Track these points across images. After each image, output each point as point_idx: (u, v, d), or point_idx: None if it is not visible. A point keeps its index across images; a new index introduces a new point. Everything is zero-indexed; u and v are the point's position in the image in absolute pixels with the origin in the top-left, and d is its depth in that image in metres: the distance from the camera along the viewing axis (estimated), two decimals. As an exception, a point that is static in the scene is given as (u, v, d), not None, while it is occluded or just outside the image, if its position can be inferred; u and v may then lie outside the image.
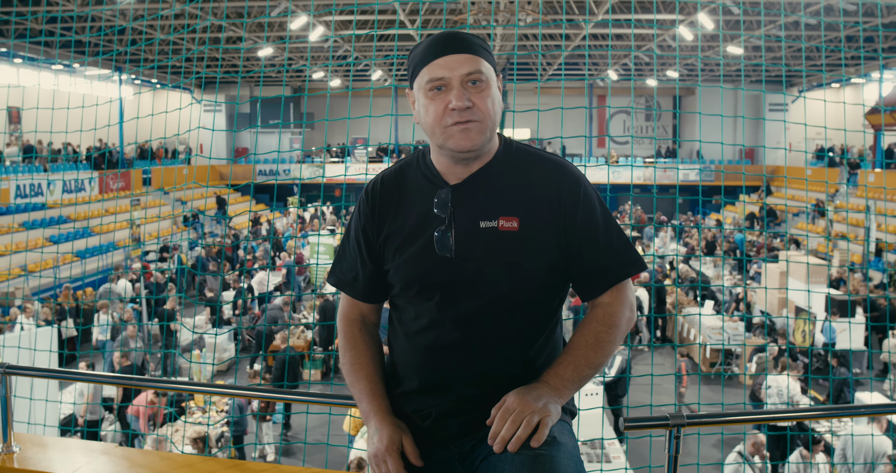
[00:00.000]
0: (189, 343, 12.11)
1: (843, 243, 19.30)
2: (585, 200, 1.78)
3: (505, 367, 1.77)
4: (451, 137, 1.70)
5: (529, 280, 1.74)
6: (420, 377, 1.79)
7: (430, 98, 1.70)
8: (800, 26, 18.86)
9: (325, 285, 16.14)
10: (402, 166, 1.87)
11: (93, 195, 21.78)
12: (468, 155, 1.73)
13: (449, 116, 1.68)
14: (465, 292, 1.74)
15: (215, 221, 24.56)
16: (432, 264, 1.74)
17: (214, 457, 2.40)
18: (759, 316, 13.09)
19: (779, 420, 6.89)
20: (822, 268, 12.95)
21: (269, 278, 16.25)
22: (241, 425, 8.76)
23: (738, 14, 17.51)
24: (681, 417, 1.76)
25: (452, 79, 1.67)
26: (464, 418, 1.75)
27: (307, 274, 18.72)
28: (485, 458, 1.69)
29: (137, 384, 3.71)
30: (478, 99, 1.68)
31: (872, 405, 6.96)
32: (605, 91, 33.24)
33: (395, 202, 1.81)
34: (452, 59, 1.68)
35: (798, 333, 12.15)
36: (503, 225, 1.72)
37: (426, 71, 1.70)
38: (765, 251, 18.61)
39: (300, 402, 7.75)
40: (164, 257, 19.04)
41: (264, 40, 21.01)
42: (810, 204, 23.64)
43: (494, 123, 1.72)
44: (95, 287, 15.40)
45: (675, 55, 23.58)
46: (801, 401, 8.97)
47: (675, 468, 1.75)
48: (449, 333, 1.75)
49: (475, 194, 1.75)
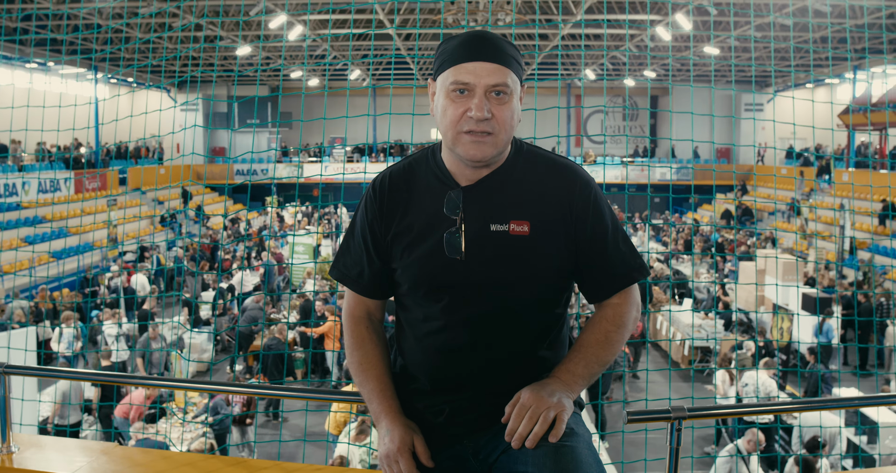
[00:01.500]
0: (168, 344, 12.03)
1: (820, 241, 19.57)
2: (595, 205, 1.79)
3: (515, 367, 1.78)
4: (463, 145, 1.69)
5: (539, 283, 1.76)
6: (431, 377, 1.81)
7: (452, 99, 1.68)
8: (774, 27, 19.07)
9: (304, 284, 16.09)
10: (411, 163, 1.85)
11: (69, 195, 21.55)
12: (477, 164, 1.73)
13: (466, 123, 1.67)
14: (475, 295, 1.74)
15: (193, 221, 24.39)
16: (441, 266, 1.73)
17: (215, 455, 2.40)
18: (734, 312, 13.23)
19: (770, 413, 7.00)
20: (794, 266, 13.14)
21: (248, 278, 16.18)
22: (221, 425, 8.71)
23: (713, 15, 17.67)
24: (682, 410, 1.81)
25: (477, 86, 1.66)
26: (477, 413, 1.77)
27: (286, 274, 18.65)
28: (504, 451, 1.71)
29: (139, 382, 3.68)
30: (498, 111, 1.67)
31: (871, 396, 7.06)
32: (579, 91, 33.42)
33: (403, 200, 1.80)
34: (481, 66, 1.66)
35: (775, 330, 12.31)
36: (514, 229, 1.72)
37: (452, 71, 1.68)
38: (735, 248, 18.80)
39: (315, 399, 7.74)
40: (144, 257, 18.89)
41: (239, 40, 20.91)
42: (785, 203, 23.93)
43: (508, 137, 1.72)
44: (72, 288, 15.26)
45: (651, 55, 23.76)
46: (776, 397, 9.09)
47: (676, 459, 1.81)
48: (458, 335, 1.76)
49: (486, 197, 1.75)
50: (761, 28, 19.62)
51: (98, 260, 18.62)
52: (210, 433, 8.59)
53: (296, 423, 9.84)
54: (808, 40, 19.79)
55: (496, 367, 1.77)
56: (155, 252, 18.07)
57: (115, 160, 25.51)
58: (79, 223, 18.43)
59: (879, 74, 22.29)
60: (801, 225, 21.45)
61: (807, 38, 19.81)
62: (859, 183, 16.79)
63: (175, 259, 17.03)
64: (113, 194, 22.47)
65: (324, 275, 16.26)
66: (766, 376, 8.95)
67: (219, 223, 25.07)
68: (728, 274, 17.76)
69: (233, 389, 4.56)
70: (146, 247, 19.23)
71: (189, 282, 16.67)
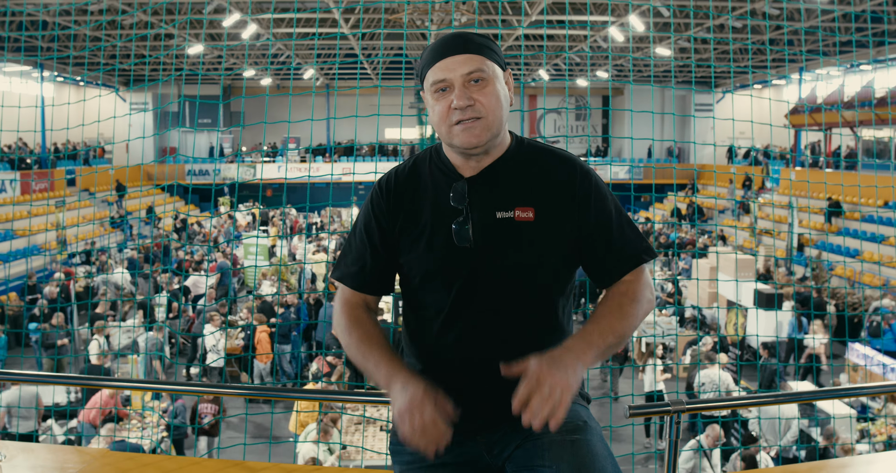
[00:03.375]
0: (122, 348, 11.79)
1: (768, 238, 20.02)
2: (598, 191, 1.83)
3: (525, 353, 1.75)
4: (457, 136, 1.74)
5: (547, 268, 1.78)
6: (443, 370, 1.81)
7: (436, 99, 1.75)
8: (726, 29, 19.46)
9: (260, 286, 15.92)
10: (416, 162, 1.90)
11: (14, 197, 20.98)
12: (476, 151, 1.77)
13: (453, 115, 1.73)
14: (486, 282, 1.76)
15: (144, 222, 23.96)
16: (452, 255, 1.76)
17: (209, 458, 2.34)
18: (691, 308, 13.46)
19: (764, 404, 7.10)
20: (749, 262, 13.42)
21: (203, 280, 15.94)
22: (179, 429, 8.57)
23: (667, 16, 17.94)
24: (681, 403, 1.84)
25: (454, 79, 1.72)
26: (491, 409, 1.77)
27: (241, 276, 18.43)
28: (519, 446, 1.72)
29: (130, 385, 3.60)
30: (480, 95, 1.72)
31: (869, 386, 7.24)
32: (536, 91, 33.68)
33: (409, 194, 1.84)
34: (453, 60, 1.73)
35: (730, 325, 12.55)
36: (519, 215, 1.76)
37: (430, 74, 1.75)
38: (690, 246, 19.12)
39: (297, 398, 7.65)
40: (91, 261, 18.50)
41: (187, 39, 20.59)
42: (735, 201, 24.42)
43: (499, 118, 1.76)
44: (20, 292, 14.87)
45: (607, 55, 24.03)
46: (733, 392, 9.26)
47: (675, 450, 1.83)
48: (471, 323, 1.78)
49: (491, 186, 1.80)
50: (713, 30, 19.98)
51: (46, 263, 18.18)
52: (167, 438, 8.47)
53: (259, 423, 9.75)
54: (756, 42, 20.22)
55: (508, 354, 1.76)
56: (104, 257, 17.67)
57: (62, 161, 24.92)
58: (26, 225, 17.94)
59: (825, 75, 22.90)
60: (751, 223, 21.91)
61: (755, 40, 20.25)
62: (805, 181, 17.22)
63: (129, 261, 16.70)
64: (61, 196, 21.93)
65: (280, 276, 16.10)
66: (722, 371, 9.11)
67: (170, 225, 24.65)
68: (681, 272, 18.06)
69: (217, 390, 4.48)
70: (90, 251, 18.82)
71: (141, 285, 16.38)
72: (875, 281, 15.59)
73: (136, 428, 8.50)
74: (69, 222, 19.34)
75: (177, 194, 28.50)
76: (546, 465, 1.63)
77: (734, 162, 28.72)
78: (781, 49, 17.77)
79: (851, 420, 8.27)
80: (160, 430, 8.68)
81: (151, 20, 18.09)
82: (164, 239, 17.87)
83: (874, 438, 8.23)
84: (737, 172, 26.73)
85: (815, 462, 6.97)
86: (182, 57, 23.93)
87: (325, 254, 19.62)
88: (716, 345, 10.78)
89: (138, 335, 12.37)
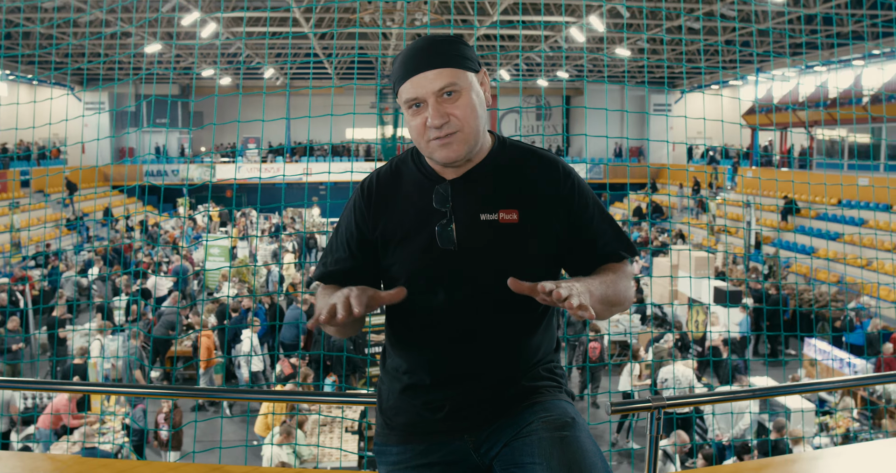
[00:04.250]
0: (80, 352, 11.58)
1: (726, 236, 20.33)
2: (580, 190, 1.84)
3: (512, 354, 1.81)
4: (435, 151, 1.74)
5: (531, 269, 1.77)
6: (430, 371, 1.81)
7: (411, 115, 1.75)
8: (682, 31, 19.73)
9: (220, 288, 15.75)
10: (398, 164, 1.89)
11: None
12: (455, 164, 1.77)
13: (429, 132, 1.72)
14: (470, 284, 1.76)
15: (101, 224, 23.54)
16: (436, 258, 1.76)
17: (193, 463, 2.31)
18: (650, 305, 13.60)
19: (742, 399, 7.21)
20: (708, 260, 13.63)
21: (162, 282, 15.73)
22: (139, 436, 8.44)
23: (627, 18, 18.14)
24: (661, 400, 1.86)
25: (426, 97, 1.71)
26: (478, 408, 1.78)
27: (201, 277, 18.20)
28: (507, 444, 1.73)
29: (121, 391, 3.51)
30: (454, 109, 1.71)
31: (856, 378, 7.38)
32: (495, 91, 33.76)
33: (391, 197, 1.83)
34: (423, 77, 1.71)
35: (691, 323, 12.72)
36: (503, 217, 1.77)
37: (402, 92, 1.74)
38: (649, 244, 19.35)
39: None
40: (43, 264, 18.12)
41: (145, 37, 20.30)
42: (693, 199, 24.77)
43: (475, 128, 1.75)
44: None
45: (568, 55, 24.21)
46: (696, 388, 9.39)
47: (656, 445, 1.85)
48: (456, 325, 1.78)
49: (474, 189, 1.79)
50: (670, 31, 20.26)
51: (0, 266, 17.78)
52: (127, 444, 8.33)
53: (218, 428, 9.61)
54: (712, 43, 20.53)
55: (494, 354, 1.79)
56: (57, 260, 17.31)
57: (15, 162, 24.38)
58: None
59: (780, 76, 23.35)
60: (710, 221, 22.26)
61: (712, 41, 20.56)
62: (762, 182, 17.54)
63: (87, 263, 16.39)
64: (15, 198, 21.47)
65: (241, 278, 15.94)
66: (683, 367, 9.23)
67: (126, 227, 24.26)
68: (640, 270, 18.27)
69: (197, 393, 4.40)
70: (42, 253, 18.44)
71: (99, 287, 16.11)
72: (831, 278, 15.94)
73: (96, 433, 8.35)
74: (23, 224, 18.95)
75: (135, 196, 28.08)
76: (537, 462, 1.63)
77: (692, 162, 29.17)
78: (738, 50, 18.09)
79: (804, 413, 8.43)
80: (121, 435, 8.55)
81: (108, 18, 17.79)
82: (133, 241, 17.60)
83: (833, 431, 8.42)
84: (694, 170, 27.15)
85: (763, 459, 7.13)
86: (139, 56, 23.58)
87: (292, 255, 19.52)
88: (677, 342, 10.93)
89: (95, 339, 12.18)
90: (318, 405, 7.31)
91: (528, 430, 1.71)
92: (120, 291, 15.17)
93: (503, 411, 1.78)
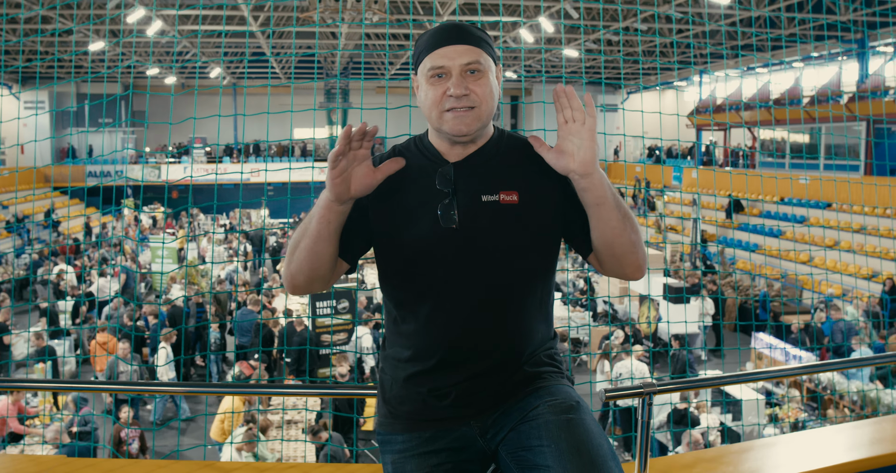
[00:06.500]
0: (24, 357, 11.28)
1: (673, 234, 20.72)
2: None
3: (514, 335, 1.83)
4: (447, 122, 1.79)
5: (531, 250, 1.83)
6: (434, 354, 1.81)
7: (431, 84, 1.79)
8: (632, 31, 20.05)
9: (170, 290, 15.48)
10: (401, 150, 1.93)
11: None
12: (464, 139, 1.82)
13: (446, 102, 1.77)
14: (471, 264, 1.79)
15: (42, 226, 22.94)
16: (438, 237, 1.79)
17: (182, 460, 2.27)
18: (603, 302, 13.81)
19: (734, 383, 7.33)
20: (657, 257, 13.89)
21: (108, 284, 15.39)
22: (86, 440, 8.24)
23: (576, 19, 18.36)
24: (652, 385, 1.91)
25: (452, 68, 1.77)
26: (484, 394, 1.80)
27: (149, 280, 17.84)
28: (513, 428, 1.75)
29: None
30: (475, 86, 1.77)
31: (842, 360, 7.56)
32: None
33: (394, 177, 1.82)
34: (453, 49, 1.78)
35: (643, 319, 12.95)
36: (504, 199, 1.81)
37: (428, 59, 1.80)
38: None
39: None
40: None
41: (92, 35, 19.84)
42: (640, 198, 25.19)
43: (490, 109, 1.81)
44: None
45: (516, 55, 24.39)
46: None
47: (647, 430, 1.90)
48: (458, 306, 1.80)
49: (476, 171, 1.84)
50: (617, 33, 20.55)
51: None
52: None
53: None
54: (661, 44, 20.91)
55: (497, 335, 1.81)
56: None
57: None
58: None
59: (723, 77, 23.87)
60: (657, 220, 22.64)
61: (658, 43, 20.93)
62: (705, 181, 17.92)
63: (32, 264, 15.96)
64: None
65: (190, 279, 15.69)
66: (637, 361, 9.38)
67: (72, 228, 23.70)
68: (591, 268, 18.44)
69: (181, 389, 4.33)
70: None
71: (41, 291, 15.72)
72: (775, 273, 16.37)
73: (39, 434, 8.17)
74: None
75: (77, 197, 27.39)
76: (545, 444, 1.66)
77: (640, 161, 29.65)
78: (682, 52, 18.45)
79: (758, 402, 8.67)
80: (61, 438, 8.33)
81: (48, 15, 17.35)
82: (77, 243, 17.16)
83: (782, 422, 8.67)
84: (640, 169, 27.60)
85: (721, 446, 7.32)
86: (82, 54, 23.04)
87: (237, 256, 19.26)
88: (628, 337, 11.10)
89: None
90: (277, 406, 7.25)
91: (534, 414, 1.75)
92: (65, 294, 14.83)
93: (508, 396, 1.80)
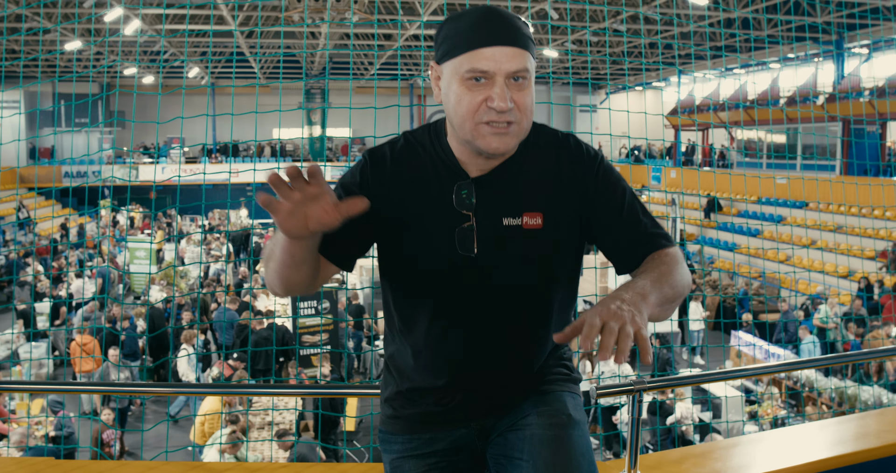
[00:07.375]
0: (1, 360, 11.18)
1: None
2: (606, 179, 1.68)
3: (530, 358, 1.73)
4: (482, 137, 1.53)
5: (554, 275, 1.68)
6: (441, 375, 1.71)
7: (468, 88, 1.51)
8: (610, 33, 20.16)
9: (148, 291, 15.37)
10: (413, 144, 1.67)
11: None
12: (496, 156, 1.59)
13: (486, 114, 1.51)
14: (489, 294, 1.64)
15: (18, 227, 22.67)
16: (453, 263, 1.62)
17: (170, 462, 2.25)
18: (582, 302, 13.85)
19: (724, 379, 7.36)
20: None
21: (87, 286, 15.25)
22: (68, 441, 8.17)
23: (554, 19, 18.42)
24: (642, 383, 1.92)
25: (497, 74, 1.49)
26: (488, 403, 1.73)
27: (127, 281, 17.70)
28: (501, 433, 1.69)
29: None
30: (519, 97, 1.51)
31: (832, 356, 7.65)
32: (427, 91, 33.91)
33: (405, 181, 1.64)
34: (500, 51, 1.49)
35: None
36: (527, 222, 1.62)
37: (468, 58, 1.50)
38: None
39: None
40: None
41: (75, 34, 19.65)
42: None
43: (530, 124, 1.58)
44: None
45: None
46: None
47: (638, 427, 1.91)
48: (472, 332, 1.67)
49: (499, 189, 1.62)
50: (597, 33, 20.66)
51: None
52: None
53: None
54: (636, 45, 21.04)
55: (511, 361, 1.71)
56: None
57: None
58: None
59: (701, 78, 24.07)
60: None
61: (637, 44, 21.08)
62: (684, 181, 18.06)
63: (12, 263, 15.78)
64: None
65: (169, 280, 15.57)
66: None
67: (46, 230, 23.42)
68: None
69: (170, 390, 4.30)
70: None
71: (18, 292, 15.55)
72: (752, 272, 16.52)
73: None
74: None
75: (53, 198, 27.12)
76: (524, 459, 1.59)
77: (617, 161, 29.82)
78: (661, 53, 18.56)
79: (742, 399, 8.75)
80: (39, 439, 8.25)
81: (25, 13, 17.16)
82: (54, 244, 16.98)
83: (762, 420, 8.76)
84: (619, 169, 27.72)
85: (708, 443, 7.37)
86: (59, 53, 22.82)
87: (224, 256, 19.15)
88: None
89: (19, 346, 11.75)
90: (255, 406, 7.21)
91: (523, 423, 1.67)
92: (42, 295, 14.68)
93: (508, 400, 1.73)
